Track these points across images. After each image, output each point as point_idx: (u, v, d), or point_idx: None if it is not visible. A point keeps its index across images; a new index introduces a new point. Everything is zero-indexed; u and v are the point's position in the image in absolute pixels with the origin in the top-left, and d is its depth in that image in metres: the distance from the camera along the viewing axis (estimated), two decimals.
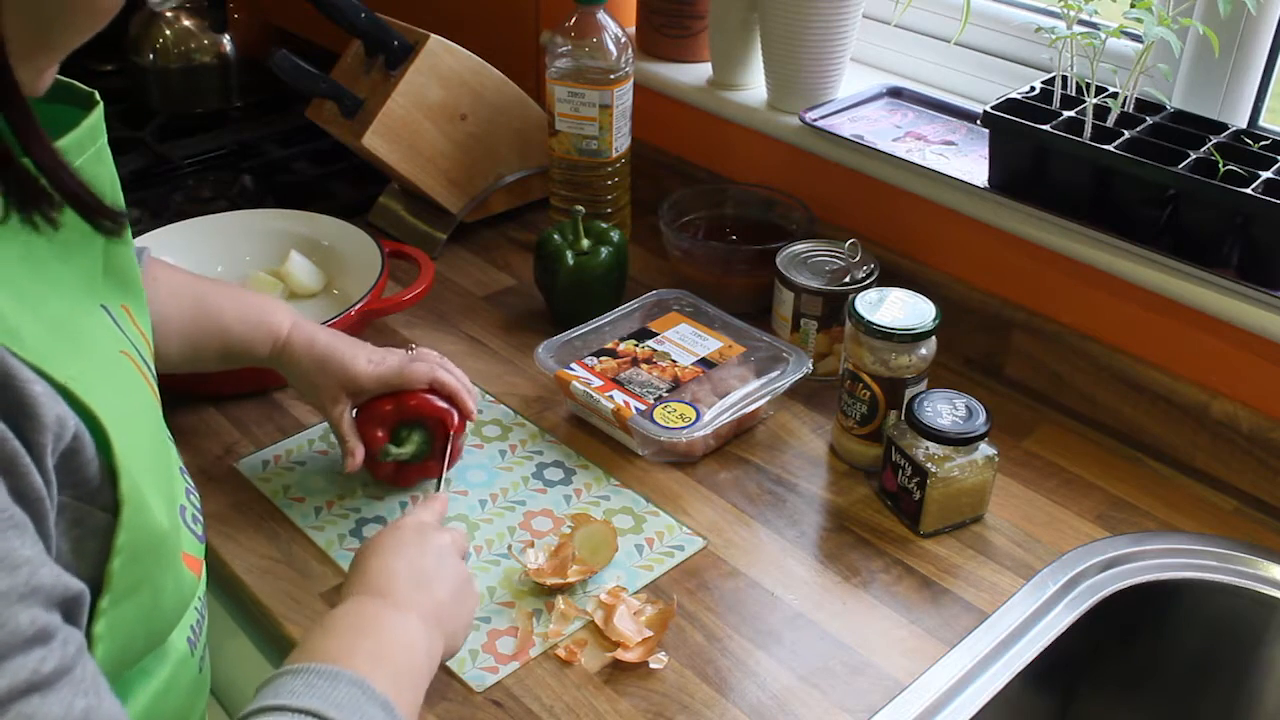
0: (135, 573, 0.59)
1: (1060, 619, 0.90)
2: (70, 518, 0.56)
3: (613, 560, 0.93)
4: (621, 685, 0.83)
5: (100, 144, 0.63)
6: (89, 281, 0.64)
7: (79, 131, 0.60)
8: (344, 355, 0.97)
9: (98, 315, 0.64)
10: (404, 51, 1.30)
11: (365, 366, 0.97)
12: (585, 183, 1.31)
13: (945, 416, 0.95)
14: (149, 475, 0.60)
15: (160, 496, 0.62)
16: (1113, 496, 1.03)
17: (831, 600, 0.91)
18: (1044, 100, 1.10)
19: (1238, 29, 1.05)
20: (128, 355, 0.65)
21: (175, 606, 0.65)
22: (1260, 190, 0.95)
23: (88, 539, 0.57)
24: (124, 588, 0.58)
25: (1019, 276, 1.15)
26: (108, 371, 0.62)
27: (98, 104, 0.64)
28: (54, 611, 0.51)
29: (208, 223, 1.28)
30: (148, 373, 0.68)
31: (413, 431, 0.98)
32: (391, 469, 0.98)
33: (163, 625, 0.64)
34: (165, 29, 1.67)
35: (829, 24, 1.22)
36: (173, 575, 0.63)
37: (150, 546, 0.60)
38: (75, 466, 0.55)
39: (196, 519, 0.71)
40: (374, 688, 0.64)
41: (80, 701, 0.50)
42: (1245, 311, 0.98)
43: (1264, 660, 0.96)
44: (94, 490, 0.57)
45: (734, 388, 1.07)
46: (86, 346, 0.61)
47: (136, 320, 0.70)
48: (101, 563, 0.57)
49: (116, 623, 0.58)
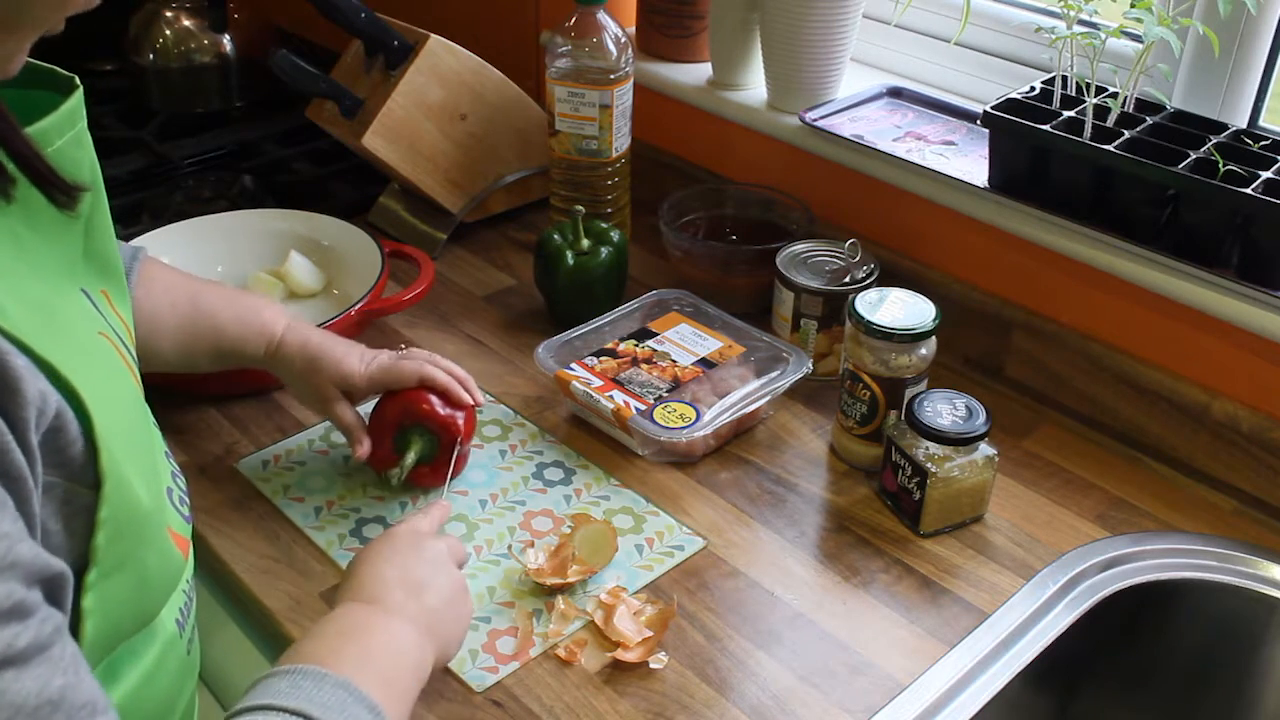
0: (120, 548, 0.59)
1: (1060, 619, 0.90)
2: (60, 497, 0.56)
3: (613, 560, 0.93)
4: (621, 685, 0.83)
5: (80, 128, 0.63)
6: (68, 265, 0.65)
7: (58, 115, 0.61)
8: (336, 355, 0.98)
9: (77, 298, 0.65)
10: (404, 51, 1.30)
11: (357, 365, 0.98)
12: (585, 183, 1.31)
13: (945, 416, 0.95)
14: (129, 454, 0.60)
15: (141, 475, 0.62)
16: (1113, 496, 1.03)
17: (831, 600, 0.91)
18: (1044, 100, 1.10)
19: (1238, 29, 1.05)
20: (107, 338, 0.65)
21: (163, 583, 0.65)
22: (1260, 190, 0.95)
23: (76, 517, 0.57)
24: (110, 563, 0.59)
25: (1019, 276, 1.15)
26: (87, 352, 0.62)
27: (78, 88, 0.64)
28: (33, 588, 0.51)
29: (208, 223, 1.28)
30: (128, 357, 0.68)
31: (416, 435, 0.97)
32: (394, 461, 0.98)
33: (151, 602, 0.65)
34: (165, 29, 1.67)
35: (829, 24, 1.22)
36: (158, 551, 0.64)
37: (133, 522, 0.60)
38: (60, 445, 0.55)
39: (184, 501, 0.71)
40: (360, 689, 0.64)
41: (58, 680, 0.50)
42: (1245, 311, 0.98)
43: (1264, 660, 0.96)
44: (79, 468, 0.57)
45: (734, 388, 1.07)
46: (66, 327, 0.61)
47: (116, 306, 0.70)
48: (88, 539, 0.58)
49: (105, 597, 0.59)
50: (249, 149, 1.63)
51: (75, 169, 0.62)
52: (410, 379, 0.98)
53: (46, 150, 0.59)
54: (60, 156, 0.60)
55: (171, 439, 1.07)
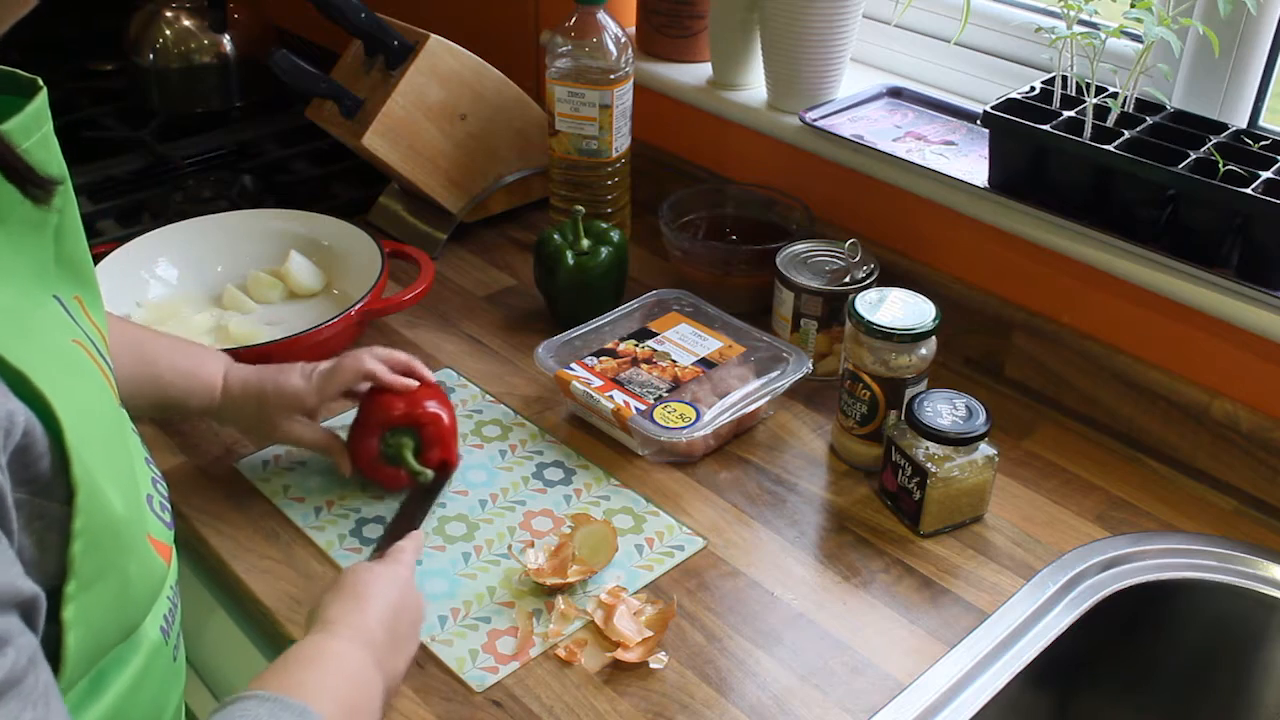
0: (98, 558, 0.59)
1: (1060, 619, 0.90)
2: (29, 513, 0.55)
3: (613, 560, 0.93)
4: (621, 685, 0.83)
5: (46, 130, 0.62)
6: (40, 271, 0.64)
7: (24, 116, 0.60)
8: (279, 381, 0.98)
9: (49, 305, 0.64)
10: (404, 51, 1.30)
11: (300, 382, 0.98)
12: (585, 183, 1.31)
13: (945, 416, 0.95)
14: (103, 463, 0.60)
15: (116, 484, 0.61)
16: (1113, 496, 1.03)
17: (831, 600, 0.91)
18: (1044, 100, 1.10)
19: (1238, 29, 1.05)
20: (81, 345, 0.65)
21: (145, 591, 0.65)
22: (1260, 190, 0.95)
23: (48, 532, 0.56)
24: (88, 573, 0.58)
25: (1019, 276, 1.15)
26: (60, 360, 0.61)
27: (41, 89, 0.63)
28: (9, 614, 0.50)
29: (208, 223, 1.28)
30: (103, 364, 0.67)
31: (403, 436, 0.97)
32: (390, 472, 0.98)
33: (134, 610, 0.65)
34: (165, 29, 1.67)
35: (829, 24, 1.22)
36: (138, 560, 0.63)
37: (110, 532, 0.60)
38: (27, 462, 0.54)
39: (165, 507, 0.71)
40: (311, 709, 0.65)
41: (28, 714, 0.49)
42: (1245, 311, 0.98)
43: (1264, 660, 0.96)
44: (48, 484, 0.56)
45: (734, 388, 1.07)
46: (37, 334, 0.60)
47: (90, 312, 0.70)
48: (64, 552, 0.57)
49: (86, 608, 0.58)
50: (249, 149, 1.63)
51: (47, 171, 0.61)
52: (353, 376, 0.98)
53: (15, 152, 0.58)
54: (29, 159, 0.60)
55: (172, 439, 1.07)
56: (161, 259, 1.25)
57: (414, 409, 0.97)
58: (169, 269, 1.25)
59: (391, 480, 0.99)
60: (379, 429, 0.97)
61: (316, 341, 1.11)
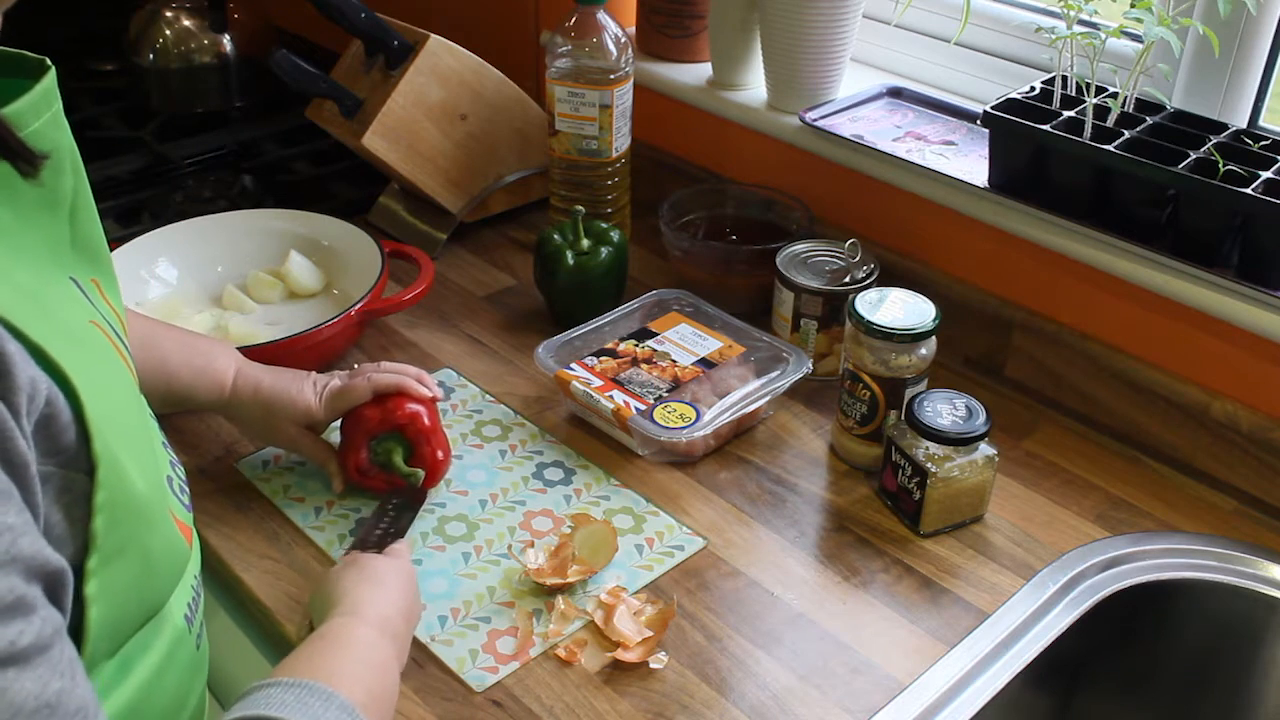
0: (120, 532, 0.59)
1: (1060, 619, 0.90)
2: (58, 485, 0.55)
3: (613, 560, 0.93)
4: (621, 685, 0.84)
5: (55, 109, 0.62)
6: (56, 253, 0.64)
7: (32, 96, 0.60)
8: (291, 394, 0.98)
9: (66, 286, 0.64)
10: (404, 51, 1.30)
11: (313, 399, 0.98)
12: (585, 183, 1.31)
13: (945, 416, 0.95)
14: (123, 440, 0.60)
15: (136, 461, 0.61)
16: (1113, 496, 1.03)
17: (831, 600, 0.91)
18: (1044, 100, 1.10)
19: (1238, 29, 1.05)
20: (98, 326, 0.65)
21: (168, 569, 0.65)
22: (1260, 190, 0.95)
23: (75, 505, 0.57)
24: (111, 547, 0.58)
25: (1019, 276, 1.15)
26: (78, 339, 0.62)
27: (50, 69, 0.63)
28: (33, 584, 0.51)
29: (208, 223, 1.28)
30: (120, 345, 0.67)
31: (390, 443, 0.97)
32: (381, 477, 0.98)
33: (158, 588, 0.65)
34: (165, 29, 1.67)
35: (829, 24, 1.22)
36: (161, 536, 0.63)
37: (131, 507, 0.60)
38: (53, 433, 0.55)
39: (184, 490, 0.71)
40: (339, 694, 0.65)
41: (55, 683, 0.50)
42: (1245, 311, 0.98)
43: (1264, 660, 0.96)
44: (73, 455, 0.56)
45: (734, 388, 1.07)
46: (55, 314, 0.61)
47: (107, 295, 0.70)
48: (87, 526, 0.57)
49: (108, 583, 0.58)
50: (249, 149, 1.63)
51: (57, 153, 0.61)
52: (365, 394, 0.98)
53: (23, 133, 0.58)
54: (38, 138, 0.59)
55: (171, 439, 1.06)
56: (161, 259, 1.25)
57: (391, 414, 0.97)
58: (169, 269, 1.25)
59: (385, 486, 0.99)
60: (364, 439, 0.97)
61: (316, 341, 1.11)
